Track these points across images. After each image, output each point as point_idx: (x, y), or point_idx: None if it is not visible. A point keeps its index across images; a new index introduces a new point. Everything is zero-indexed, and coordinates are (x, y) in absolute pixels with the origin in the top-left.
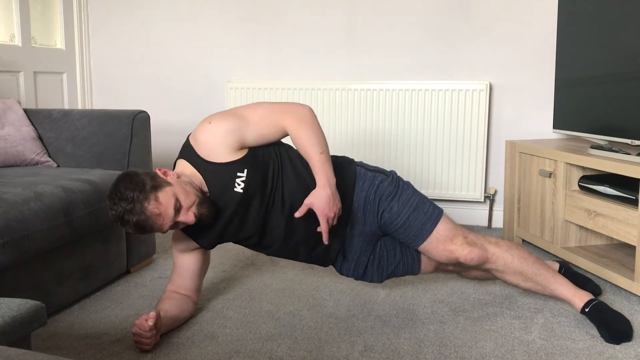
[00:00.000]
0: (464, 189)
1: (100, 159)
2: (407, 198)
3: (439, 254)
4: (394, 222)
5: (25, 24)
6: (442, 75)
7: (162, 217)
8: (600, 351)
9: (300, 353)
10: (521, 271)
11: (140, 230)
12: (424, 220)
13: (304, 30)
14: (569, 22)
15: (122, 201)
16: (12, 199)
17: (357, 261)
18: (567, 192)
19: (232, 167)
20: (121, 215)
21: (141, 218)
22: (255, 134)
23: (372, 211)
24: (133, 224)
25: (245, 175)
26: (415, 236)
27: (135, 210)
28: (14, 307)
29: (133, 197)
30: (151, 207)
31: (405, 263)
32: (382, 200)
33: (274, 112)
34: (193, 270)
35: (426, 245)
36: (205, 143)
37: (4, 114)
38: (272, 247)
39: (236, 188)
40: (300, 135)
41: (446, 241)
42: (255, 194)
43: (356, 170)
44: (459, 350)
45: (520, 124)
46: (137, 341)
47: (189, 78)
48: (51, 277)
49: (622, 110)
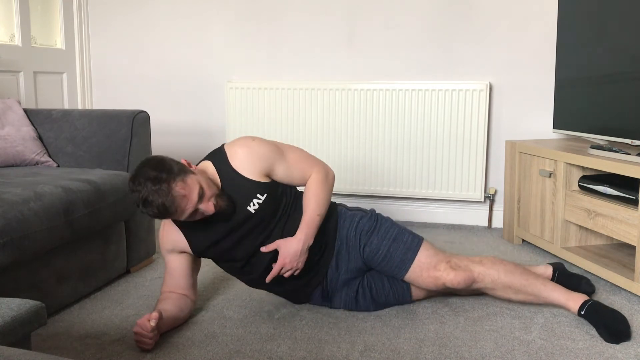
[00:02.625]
0: (464, 189)
1: (100, 159)
2: (386, 230)
3: (425, 281)
4: (376, 256)
5: (25, 24)
6: (442, 75)
7: (187, 199)
8: (600, 351)
9: (300, 353)
10: (510, 285)
11: (163, 213)
12: (404, 250)
13: (304, 30)
14: (569, 22)
15: (148, 181)
16: (12, 199)
17: (346, 296)
18: (567, 192)
19: (256, 186)
20: (145, 196)
21: (167, 199)
22: (285, 171)
23: (354, 247)
24: (157, 205)
25: (263, 200)
26: (399, 267)
27: (162, 190)
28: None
29: (161, 177)
30: (178, 187)
31: (396, 293)
32: (362, 236)
33: (307, 159)
34: (184, 269)
35: (411, 274)
36: (242, 156)
37: (4, 114)
38: (251, 275)
39: (249, 207)
40: (314, 188)
41: (429, 268)
42: (262, 220)
43: (338, 211)
44: (459, 350)
45: (520, 124)
46: (138, 340)
47: (189, 78)
48: (51, 277)
49: (622, 110)
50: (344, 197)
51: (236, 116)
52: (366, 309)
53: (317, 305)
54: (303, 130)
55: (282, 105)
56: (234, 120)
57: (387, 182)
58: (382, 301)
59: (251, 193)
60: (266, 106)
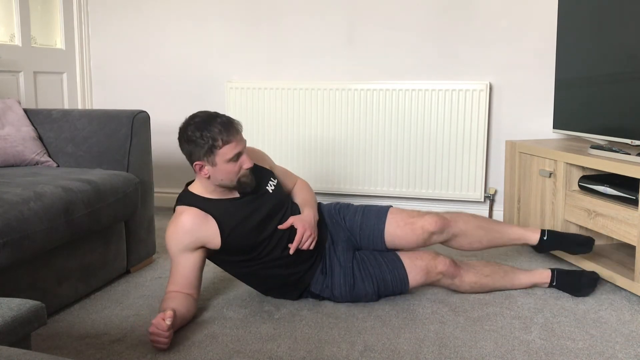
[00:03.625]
0: (464, 189)
1: (100, 159)
2: (355, 207)
3: (403, 230)
4: (354, 221)
5: (25, 24)
6: (442, 75)
7: (240, 136)
8: (600, 351)
9: (300, 353)
10: (480, 225)
11: (227, 126)
12: (377, 210)
13: (304, 30)
14: (569, 22)
15: (210, 115)
16: (12, 199)
17: (344, 269)
18: (567, 192)
19: (269, 172)
20: (210, 120)
21: (232, 120)
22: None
23: (337, 222)
24: (224, 119)
25: (276, 184)
26: (377, 223)
27: (226, 117)
28: (14, 307)
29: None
30: (238, 126)
31: (389, 266)
32: (341, 210)
33: (290, 174)
34: (196, 268)
35: (388, 228)
36: (252, 152)
37: (4, 114)
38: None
39: (268, 187)
40: (303, 187)
41: (404, 218)
42: (278, 201)
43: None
44: (459, 350)
45: (520, 124)
46: (154, 341)
47: (189, 78)
48: (51, 277)
49: (622, 110)
50: (344, 196)
51: (236, 116)
52: (365, 291)
53: (317, 302)
54: (303, 130)
55: (282, 105)
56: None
57: (387, 182)
58: (379, 276)
59: (267, 176)
60: (266, 106)
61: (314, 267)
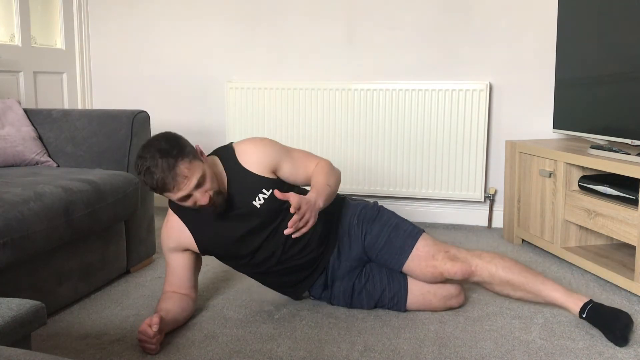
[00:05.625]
0: (464, 189)
1: (100, 159)
2: (387, 218)
3: (423, 271)
4: (377, 243)
5: (25, 24)
6: (442, 75)
7: (187, 180)
8: (600, 351)
9: (300, 353)
10: (508, 280)
11: (160, 186)
12: (404, 237)
13: (304, 30)
14: (569, 22)
15: (157, 152)
16: (12, 199)
17: (345, 286)
18: (567, 192)
19: (262, 181)
20: (149, 165)
21: (169, 174)
22: (290, 169)
23: (356, 235)
24: (157, 178)
25: (268, 196)
26: (398, 254)
27: (168, 163)
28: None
29: (171, 152)
30: (183, 167)
31: (391, 289)
32: (365, 224)
33: (311, 156)
34: (187, 268)
35: (409, 263)
36: (249, 152)
37: (4, 114)
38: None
39: (255, 202)
40: (321, 171)
41: (428, 258)
42: (267, 217)
43: (343, 199)
44: (459, 350)
45: (520, 124)
46: (143, 347)
47: (189, 78)
48: (51, 277)
49: (622, 110)
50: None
51: (236, 116)
52: (360, 304)
53: (317, 302)
54: (303, 130)
55: (282, 105)
56: (234, 120)
57: (387, 182)
58: (377, 296)
59: (257, 188)
60: (266, 106)
61: (313, 276)
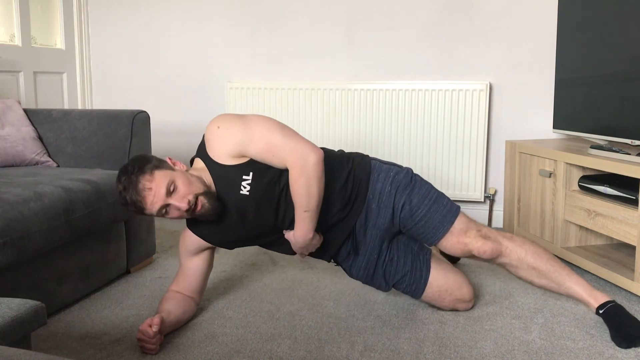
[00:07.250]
0: (464, 188)
1: (100, 159)
2: (427, 191)
3: (453, 247)
4: (414, 215)
5: (25, 24)
6: (442, 75)
7: (152, 193)
8: (600, 351)
9: (300, 353)
10: (535, 267)
11: (136, 206)
12: (444, 213)
13: (304, 30)
14: (569, 22)
15: (123, 175)
16: (12, 199)
17: (368, 258)
18: (567, 192)
19: (237, 169)
20: (120, 190)
21: (134, 192)
22: (256, 155)
23: (387, 203)
24: (128, 199)
25: (251, 178)
26: (436, 229)
27: (130, 182)
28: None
29: (132, 172)
30: (144, 180)
31: (412, 276)
32: (399, 192)
33: (281, 148)
34: (200, 272)
35: (443, 242)
36: (212, 146)
37: (4, 114)
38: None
39: (242, 190)
40: (295, 184)
41: (460, 234)
42: (263, 196)
43: (370, 163)
44: (459, 350)
45: (520, 124)
46: (142, 346)
47: (189, 78)
48: (51, 277)
49: (622, 110)
50: None
51: None
52: (379, 284)
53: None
54: (303, 130)
55: (282, 105)
56: None
57: None
58: (397, 279)
59: (237, 177)
60: (266, 106)
61: (339, 237)
